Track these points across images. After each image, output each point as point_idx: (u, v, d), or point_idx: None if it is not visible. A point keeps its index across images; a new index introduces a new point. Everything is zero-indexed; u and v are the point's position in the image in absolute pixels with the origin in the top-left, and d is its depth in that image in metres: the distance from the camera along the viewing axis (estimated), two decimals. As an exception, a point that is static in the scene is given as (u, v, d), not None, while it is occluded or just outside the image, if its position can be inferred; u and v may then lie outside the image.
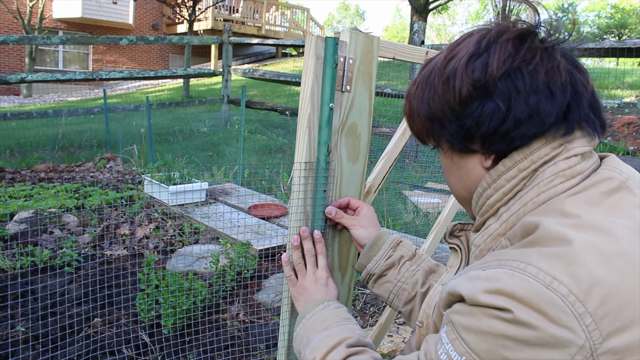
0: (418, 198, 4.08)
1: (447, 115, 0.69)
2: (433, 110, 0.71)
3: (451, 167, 0.75)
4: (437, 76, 0.71)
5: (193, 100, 8.61)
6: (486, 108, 0.65)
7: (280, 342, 1.16)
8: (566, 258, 0.54)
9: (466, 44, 0.69)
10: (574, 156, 0.65)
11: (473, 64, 0.66)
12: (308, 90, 1.02)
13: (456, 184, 0.76)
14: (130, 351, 1.84)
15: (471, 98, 0.66)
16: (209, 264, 2.43)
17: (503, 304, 0.52)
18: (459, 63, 0.67)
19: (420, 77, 0.75)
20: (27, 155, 5.92)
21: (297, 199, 1.06)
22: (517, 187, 0.67)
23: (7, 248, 2.73)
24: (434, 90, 0.71)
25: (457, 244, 0.82)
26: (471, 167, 0.72)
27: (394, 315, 1.57)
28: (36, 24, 13.91)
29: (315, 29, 19.71)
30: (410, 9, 9.23)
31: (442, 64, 0.70)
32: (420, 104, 0.73)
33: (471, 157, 0.71)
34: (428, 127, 0.74)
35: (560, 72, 0.64)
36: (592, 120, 0.66)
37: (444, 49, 0.75)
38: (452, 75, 0.68)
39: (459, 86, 0.67)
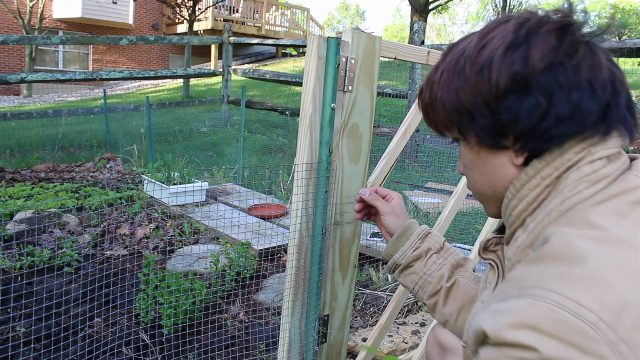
0: (418, 198, 4.07)
1: (479, 108, 0.65)
2: (462, 101, 0.66)
3: (476, 162, 0.71)
4: (468, 64, 0.66)
5: (193, 100, 8.61)
6: (525, 103, 0.61)
7: (280, 341, 1.15)
8: (590, 280, 0.49)
9: (501, 31, 0.65)
10: (598, 159, 0.62)
11: (512, 55, 0.62)
12: (310, 91, 1.02)
13: (479, 180, 0.72)
14: (130, 351, 1.84)
15: (509, 91, 0.62)
16: (209, 264, 2.42)
17: (528, 341, 0.48)
18: (496, 53, 0.63)
19: (446, 64, 0.69)
20: (27, 155, 5.91)
21: (299, 200, 1.06)
22: (542, 196, 0.63)
23: (7, 248, 2.72)
24: (464, 79, 0.66)
25: (493, 259, 0.77)
26: (499, 163, 0.67)
27: (394, 316, 1.57)
28: (36, 24, 13.91)
29: (315, 29, 19.70)
30: (410, 9, 9.23)
31: (475, 52, 0.65)
32: (446, 94, 0.68)
33: (501, 153, 0.67)
34: (454, 118, 0.69)
35: (602, 69, 0.61)
36: (629, 121, 0.63)
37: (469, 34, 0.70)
38: (487, 64, 0.64)
39: (495, 78, 0.63)
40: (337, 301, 1.23)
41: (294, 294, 1.12)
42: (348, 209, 1.17)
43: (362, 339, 1.97)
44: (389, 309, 1.53)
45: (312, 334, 1.17)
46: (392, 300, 1.55)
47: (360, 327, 2.15)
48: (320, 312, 1.18)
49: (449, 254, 1.00)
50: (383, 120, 5.59)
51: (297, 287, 1.12)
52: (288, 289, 1.12)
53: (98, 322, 2.06)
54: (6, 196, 3.75)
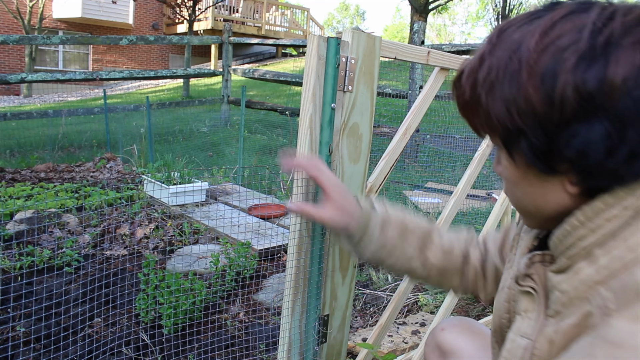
0: (418, 198, 4.08)
1: (533, 130, 0.54)
2: (513, 116, 0.54)
3: (521, 181, 0.61)
4: (524, 70, 0.53)
5: (193, 100, 8.61)
6: (593, 134, 0.50)
7: (280, 341, 1.16)
8: None
9: (573, 30, 0.52)
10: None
11: (586, 71, 0.50)
12: (310, 91, 1.02)
13: (522, 198, 0.63)
14: (130, 351, 1.84)
15: (575, 117, 0.51)
16: (209, 264, 2.42)
17: None
18: (564, 64, 0.50)
19: (495, 59, 0.56)
20: (27, 155, 5.91)
21: (299, 200, 1.06)
22: (618, 227, 0.55)
23: (7, 248, 2.73)
24: (517, 89, 0.54)
25: (532, 287, 0.65)
26: (550, 187, 0.58)
27: (394, 316, 1.57)
28: (36, 24, 13.92)
29: (315, 29, 19.71)
30: (410, 9, 9.23)
31: (534, 54, 0.52)
32: (492, 101, 0.56)
33: (552, 178, 0.57)
34: (499, 131, 0.58)
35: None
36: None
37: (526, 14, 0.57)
38: (550, 77, 0.51)
39: (560, 96, 0.51)
40: (337, 301, 1.23)
41: (294, 294, 1.12)
42: (348, 209, 1.17)
43: (362, 339, 1.97)
44: (389, 309, 1.53)
45: (312, 334, 1.17)
46: (392, 300, 1.55)
47: (360, 327, 2.15)
48: (320, 312, 1.18)
49: (413, 236, 0.93)
50: (383, 120, 5.59)
51: (297, 287, 1.12)
52: (288, 289, 1.12)
53: (98, 322, 2.06)
54: (6, 196, 3.75)
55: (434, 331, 1.01)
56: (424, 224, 0.95)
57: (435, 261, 0.93)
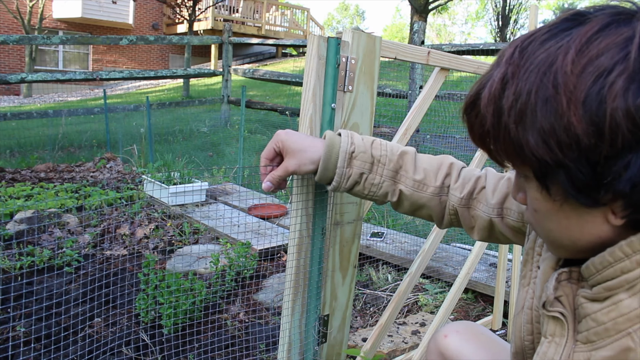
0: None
1: (577, 163, 0.47)
2: (552, 149, 0.47)
3: (555, 214, 0.55)
4: (562, 95, 0.46)
5: (193, 100, 8.61)
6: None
7: (280, 341, 1.16)
8: None
9: (614, 45, 0.45)
10: None
11: (638, 94, 0.43)
12: (310, 91, 1.02)
13: (555, 231, 0.57)
14: (130, 351, 1.84)
15: (630, 147, 0.45)
16: (209, 264, 2.42)
17: None
18: (611, 88, 0.44)
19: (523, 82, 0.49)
20: (27, 155, 5.91)
21: (299, 200, 1.06)
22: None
23: (7, 248, 2.73)
24: (556, 117, 0.46)
25: (560, 312, 0.61)
26: (590, 220, 0.53)
27: (394, 316, 1.57)
28: (36, 24, 13.92)
29: (315, 29, 19.71)
30: (410, 9, 9.24)
31: (572, 78, 0.46)
32: (525, 133, 0.49)
33: (595, 210, 0.52)
34: (532, 163, 0.51)
35: None
36: None
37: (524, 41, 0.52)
38: (594, 102, 0.44)
39: (610, 125, 0.44)
40: (337, 301, 1.23)
41: (294, 294, 1.12)
42: (348, 209, 1.17)
43: (362, 339, 1.97)
44: (389, 309, 1.54)
45: (312, 334, 1.17)
46: (392, 300, 1.55)
47: (360, 327, 2.15)
48: (320, 312, 1.18)
49: (383, 167, 0.89)
50: (383, 120, 5.59)
51: (297, 287, 1.12)
52: (288, 289, 1.12)
53: (98, 322, 2.06)
54: (6, 196, 3.75)
55: (436, 338, 0.98)
56: (397, 152, 0.91)
57: (407, 192, 0.89)
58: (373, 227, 3.24)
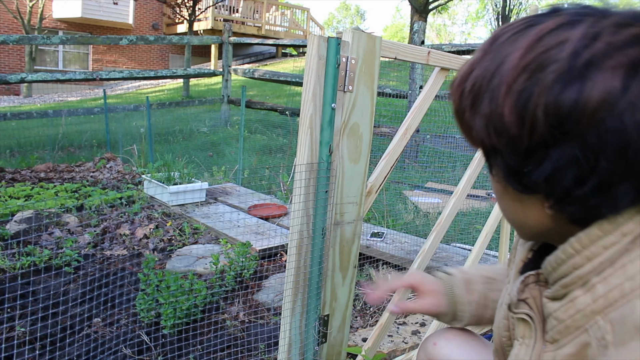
0: (418, 198, 4.08)
1: (508, 150, 0.52)
2: (489, 133, 0.53)
3: (504, 195, 0.60)
4: (503, 86, 0.50)
5: (193, 100, 8.61)
6: (563, 160, 0.48)
7: (280, 341, 1.16)
8: None
9: (555, 46, 0.48)
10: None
11: (559, 93, 0.47)
12: (310, 91, 1.02)
13: (507, 212, 0.62)
14: (130, 351, 1.84)
15: (545, 141, 0.49)
16: (209, 264, 2.42)
17: None
18: (540, 83, 0.48)
19: (482, 70, 0.53)
20: (27, 155, 5.91)
21: (299, 200, 1.06)
22: (617, 255, 0.52)
23: (7, 248, 2.73)
24: (494, 106, 0.51)
25: (527, 313, 0.63)
26: (529, 206, 0.56)
27: (394, 316, 1.57)
28: (36, 24, 13.91)
29: (315, 29, 19.71)
30: (410, 9, 9.24)
31: (514, 73, 0.50)
32: (472, 115, 0.55)
33: (531, 196, 0.55)
34: (479, 144, 0.57)
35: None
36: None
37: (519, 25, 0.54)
38: (524, 96, 0.48)
39: (532, 118, 0.48)
40: (337, 301, 1.23)
41: (294, 294, 1.12)
42: (348, 209, 1.17)
43: (362, 339, 1.97)
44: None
45: (312, 334, 1.17)
46: (392, 301, 1.55)
47: (360, 327, 2.15)
48: (320, 312, 1.18)
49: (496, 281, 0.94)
50: (383, 120, 5.59)
51: (297, 287, 1.12)
52: (288, 289, 1.12)
53: (98, 322, 2.06)
54: (6, 196, 3.75)
55: (426, 346, 0.96)
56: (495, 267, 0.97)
57: None
58: (373, 227, 3.24)
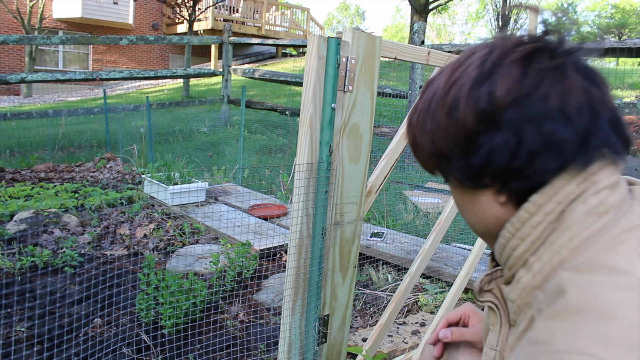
0: (418, 198, 4.08)
1: (453, 151, 0.62)
2: (437, 145, 0.63)
3: (463, 202, 0.68)
4: (438, 106, 0.62)
5: (193, 100, 8.61)
6: (495, 142, 0.58)
7: (280, 341, 1.16)
8: (628, 340, 0.45)
9: (468, 66, 0.61)
10: (603, 189, 0.57)
11: (477, 91, 0.58)
12: (310, 91, 1.02)
13: (471, 220, 0.68)
14: (130, 352, 1.84)
15: (477, 132, 0.59)
16: (209, 264, 2.42)
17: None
18: (461, 91, 0.59)
19: (421, 105, 0.66)
20: (27, 155, 5.91)
21: (299, 200, 1.06)
22: (545, 233, 0.58)
23: (7, 248, 2.73)
24: (436, 122, 0.63)
25: (492, 301, 0.71)
26: (484, 202, 0.64)
27: (394, 316, 1.57)
28: (36, 24, 13.91)
29: (315, 29, 19.70)
30: (410, 9, 9.24)
31: (443, 92, 0.62)
32: (423, 138, 0.65)
33: (483, 192, 0.63)
34: (433, 162, 0.66)
35: (575, 92, 0.56)
36: (614, 143, 0.58)
37: (445, 67, 0.65)
38: (454, 105, 0.60)
39: (462, 118, 0.59)
40: (337, 301, 1.23)
41: (294, 294, 1.12)
42: (348, 209, 1.17)
43: (362, 339, 1.97)
44: (389, 309, 1.53)
45: (312, 334, 1.17)
46: (392, 300, 1.55)
47: (360, 327, 2.15)
48: (320, 312, 1.18)
49: None
50: (383, 120, 5.59)
51: (297, 287, 1.12)
52: (288, 289, 1.12)
53: (98, 322, 2.06)
54: (6, 196, 3.75)
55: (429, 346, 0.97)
56: None
57: None
58: (373, 227, 3.24)
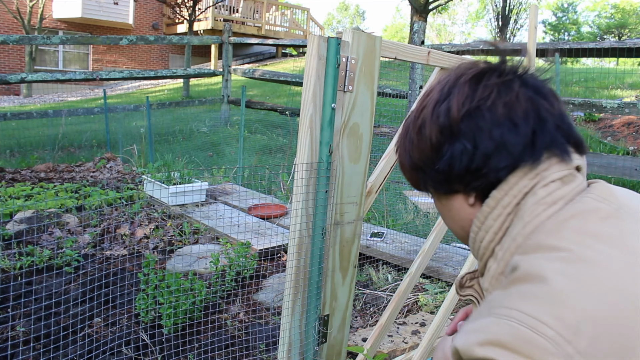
0: (418, 198, 4.07)
1: (425, 163, 0.72)
2: (414, 160, 0.74)
3: (442, 209, 0.77)
4: (412, 127, 0.74)
5: (193, 100, 8.61)
6: (455, 149, 0.68)
7: (280, 341, 1.16)
8: (551, 298, 0.53)
9: (433, 92, 0.73)
10: (551, 182, 0.65)
11: (438, 110, 0.70)
12: (310, 91, 1.02)
13: (452, 225, 0.77)
14: (130, 351, 1.84)
15: (441, 143, 0.69)
16: (209, 264, 2.42)
17: (492, 355, 0.52)
18: (427, 112, 0.71)
19: (403, 130, 0.78)
20: (27, 155, 5.91)
21: (299, 200, 1.06)
22: (506, 224, 0.67)
23: (7, 248, 2.72)
24: (411, 141, 0.74)
25: (472, 295, 0.80)
26: (458, 206, 0.73)
27: (394, 316, 1.57)
28: (36, 24, 13.90)
29: (315, 29, 19.70)
30: (410, 9, 9.25)
31: (415, 116, 0.74)
32: (404, 156, 0.77)
33: (455, 197, 0.73)
34: (414, 176, 0.77)
35: (520, 102, 0.66)
36: (561, 143, 0.67)
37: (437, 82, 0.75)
38: (422, 124, 0.72)
39: (429, 134, 0.70)
40: (337, 301, 1.23)
41: (294, 294, 1.12)
42: (348, 209, 1.17)
43: (362, 339, 1.97)
44: (389, 309, 1.53)
45: (312, 334, 1.17)
46: (392, 300, 1.55)
47: (360, 327, 2.15)
48: (320, 312, 1.18)
49: None
50: (383, 120, 5.59)
51: (297, 287, 1.12)
52: (288, 289, 1.12)
53: (98, 322, 2.06)
54: (6, 196, 3.75)
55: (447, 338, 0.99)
56: None
57: None
58: (373, 227, 3.24)
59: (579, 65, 17.93)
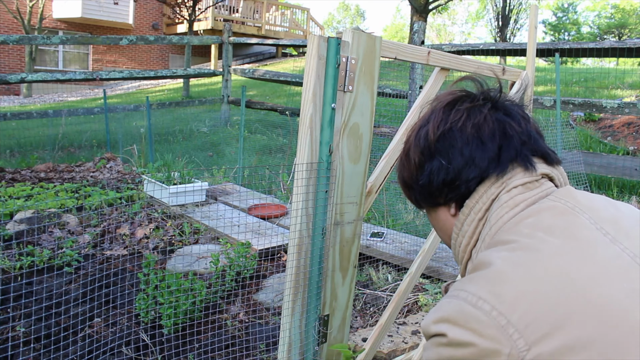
0: (418, 198, 4.07)
1: (413, 181, 0.83)
2: (405, 179, 0.85)
3: (433, 222, 0.86)
4: (402, 151, 0.86)
5: (193, 100, 8.61)
6: (433, 166, 0.78)
7: (280, 341, 1.16)
8: (492, 278, 0.62)
9: (418, 121, 0.84)
10: (514, 188, 0.73)
11: (419, 134, 0.81)
12: (310, 91, 1.02)
13: (442, 236, 0.86)
14: (130, 351, 1.84)
15: (422, 162, 0.80)
16: (209, 264, 2.42)
17: (442, 329, 0.61)
18: (412, 137, 0.83)
19: (400, 156, 0.89)
20: (27, 155, 5.91)
21: (299, 200, 1.06)
22: (478, 228, 0.75)
23: (7, 248, 2.72)
24: (402, 163, 0.86)
25: None
26: (444, 217, 0.82)
27: (394, 316, 1.57)
28: (36, 24, 13.90)
29: (315, 29, 19.70)
30: (410, 9, 9.25)
31: (405, 141, 0.86)
32: (399, 177, 0.88)
33: (440, 209, 0.82)
34: (408, 194, 0.86)
35: (488, 123, 0.76)
36: (525, 156, 0.75)
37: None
38: (409, 148, 0.83)
39: (413, 156, 0.81)
40: (337, 301, 1.23)
41: (294, 294, 1.13)
42: (348, 209, 1.17)
43: (362, 339, 1.97)
44: (389, 309, 1.53)
45: (312, 334, 1.17)
46: (392, 300, 1.55)
47: (360, 327, 2.15)
48: (320, 312, 1.18)
49: None
50: (383, 120, 5.59)
51: (297, 287, 1.12)
52: (288, 289, 1.12)
53: (98, 322, 2.06)
54: (6, 196, 3.75)
55: None
56: None
57: None
58: (373, 227, 3.24)
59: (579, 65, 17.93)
